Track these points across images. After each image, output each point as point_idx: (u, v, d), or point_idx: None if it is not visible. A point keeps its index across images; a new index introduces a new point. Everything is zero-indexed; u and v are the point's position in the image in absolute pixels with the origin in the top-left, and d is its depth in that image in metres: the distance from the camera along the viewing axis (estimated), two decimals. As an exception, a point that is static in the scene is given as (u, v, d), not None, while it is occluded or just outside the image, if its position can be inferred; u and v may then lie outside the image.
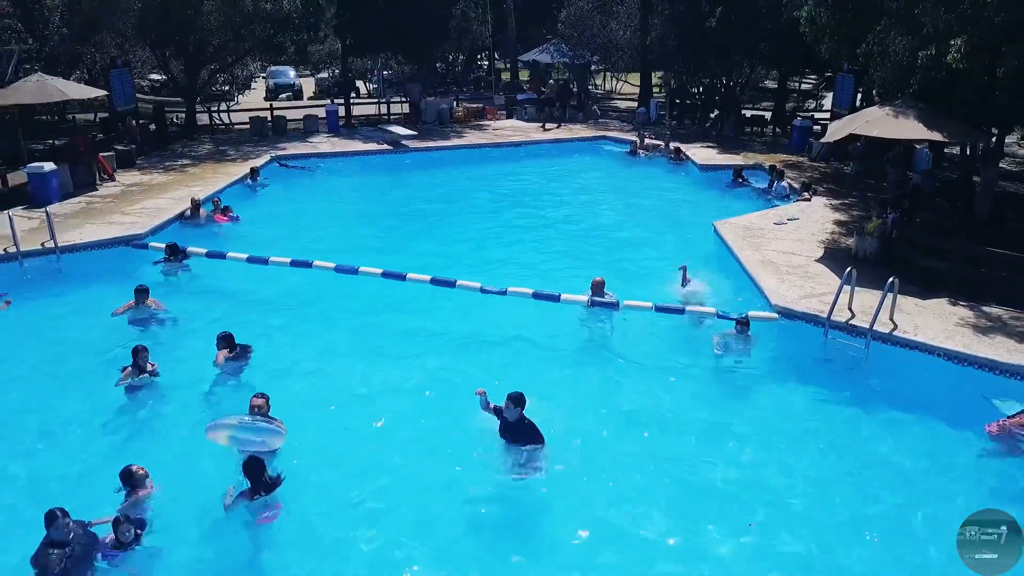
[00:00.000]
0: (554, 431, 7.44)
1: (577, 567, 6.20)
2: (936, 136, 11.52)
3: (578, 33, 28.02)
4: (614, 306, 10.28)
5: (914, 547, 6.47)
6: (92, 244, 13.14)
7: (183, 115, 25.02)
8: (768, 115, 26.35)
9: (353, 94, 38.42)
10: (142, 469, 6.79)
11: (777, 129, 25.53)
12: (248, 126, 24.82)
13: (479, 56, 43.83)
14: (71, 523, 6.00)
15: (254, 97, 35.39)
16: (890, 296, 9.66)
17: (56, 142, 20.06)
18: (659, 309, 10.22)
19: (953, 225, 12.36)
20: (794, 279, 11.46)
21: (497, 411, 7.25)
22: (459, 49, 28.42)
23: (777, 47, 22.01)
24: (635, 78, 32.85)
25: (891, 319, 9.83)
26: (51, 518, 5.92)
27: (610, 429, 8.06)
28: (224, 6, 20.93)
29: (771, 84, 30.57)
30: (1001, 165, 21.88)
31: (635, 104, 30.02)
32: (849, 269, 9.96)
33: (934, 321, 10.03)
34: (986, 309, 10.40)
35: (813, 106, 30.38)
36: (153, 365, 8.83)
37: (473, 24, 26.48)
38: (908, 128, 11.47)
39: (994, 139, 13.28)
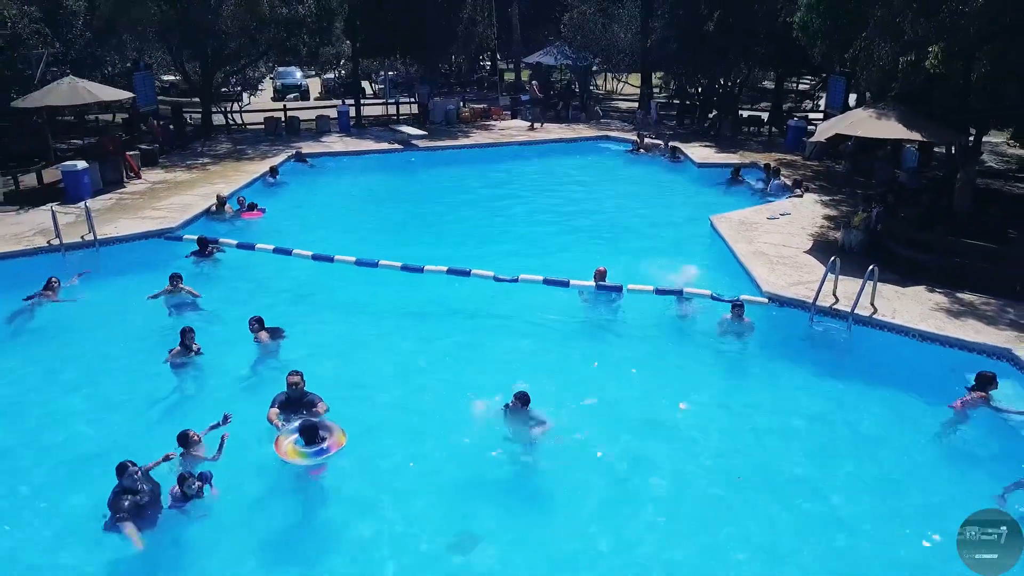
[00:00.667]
0: (560, 402, 8.30)
1: (581, 510, 7.07)
2: (915, 136, 12.41)
3: (580, 36, 28.90)
4: (618, 290, 11.17)
5: (886, 496, 7.32)
6: (128, 237, 14.04)
7: (196, 115, 25.92)
8: (765, 115, 27.20)
9: (361, 94, 39.48)
10: (196, 434, 7.63)
11: (774, 129, 26.38)
12: (262, 126, 25.70)
13: (481, 57, 44.67)
14: (139, 472, 6.89)
15: (262, 97, 36.35)
16: (871, 283, 10.54)
17: (79, 142, 20.99)
18: (659, 292, 11.12)
19: (933, 219, 13.25)
20: (784, 268, 12.35)
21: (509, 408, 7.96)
22: (466, 51, 29.17)
23: (773, 50, 22.91)
24: (635, 79, 33.72)
25: (871, 304, 10.71)
26: (122, 469, 6.78)
27: (611, 399, 8.91)
28: (242, 11, 21.81)
29: (769, 85, 31.48)
30: (990, 164, 22.89)
31: (635, 104, 30.89)
32: (833, 258, 10.85)
33: (912, 306, 10.91)
34: (960, 296, 11.27)
35: (810, 106, 31.23)
36: (197, 345, 9.72)
37: (479, 27, 27.34)
38: (889, 128, 12.36)
39: (972, 139, 14.12)
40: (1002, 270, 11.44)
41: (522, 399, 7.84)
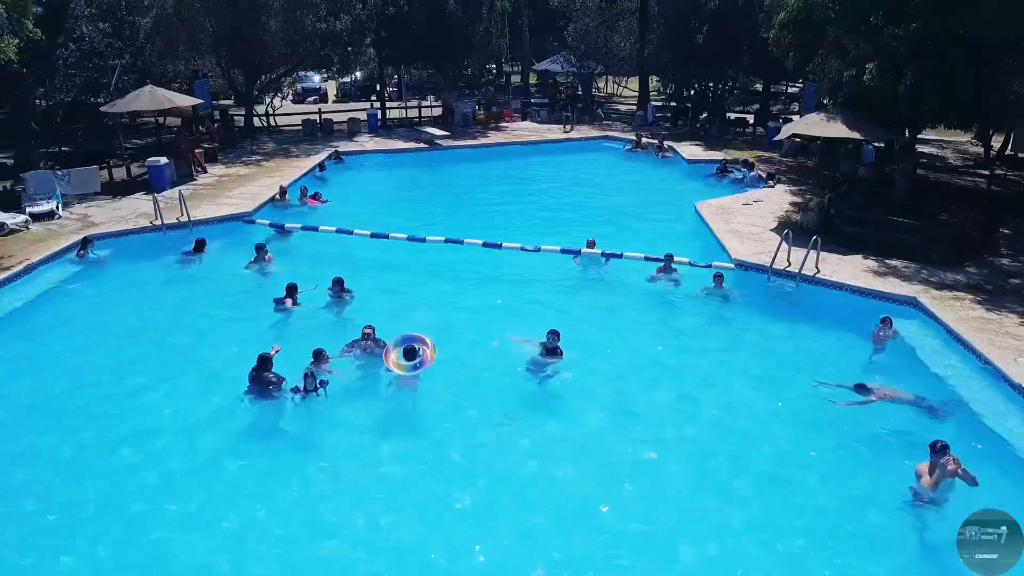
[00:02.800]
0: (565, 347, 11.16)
1: (583, 421, 9.82)
2: (855, 135, 15.39)
3: (584, 45, 31.90)
4: (618, 256, 14.16)
5: (818, 394, 10.18)
6: (213, 219, 17.02)
7: (237, 117, 28.85)
8: (750, 117, 30.18)
9: (374, 96, 42.46)
10: (326, 354, 10.42)
11: (760, 129, 29.32)
12: (299, 127, 28.67)
13: (490, 63, 47.69)
14: (271, 362, 9.81)
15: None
16: (815, 251, 13.47)
17: (138, 142, 23.94)
18: (648, 259, 14.10)
19: (875, 203, 16.25)
20: (751, 242, 15.31)
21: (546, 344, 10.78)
22: (481, 60, 32.11)
23: (756, 60, 25.89)
24: (635, 83, 36.74)
25: (816, 267, 13.66)
26: (263, 359, 9.73)
27: (608, 344, 11.77)
28: (287, 25, 24.79)
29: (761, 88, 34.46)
30: (951, 161, 25.84)
31: (635, 107, 33.87)
32: (786, 231, 13.83)
33: (848, 268, 13.88)
34: (888, 262, 14.23)
35: (797, 108, 34.17)
36: (294, 298, 12.66)
37: (493, 38, 30.31)
38: (836, 129, 15.35)
39: (905, 138, 17.06)
40: (921, 242, 14.40)
41: (555, 335, 10.64)
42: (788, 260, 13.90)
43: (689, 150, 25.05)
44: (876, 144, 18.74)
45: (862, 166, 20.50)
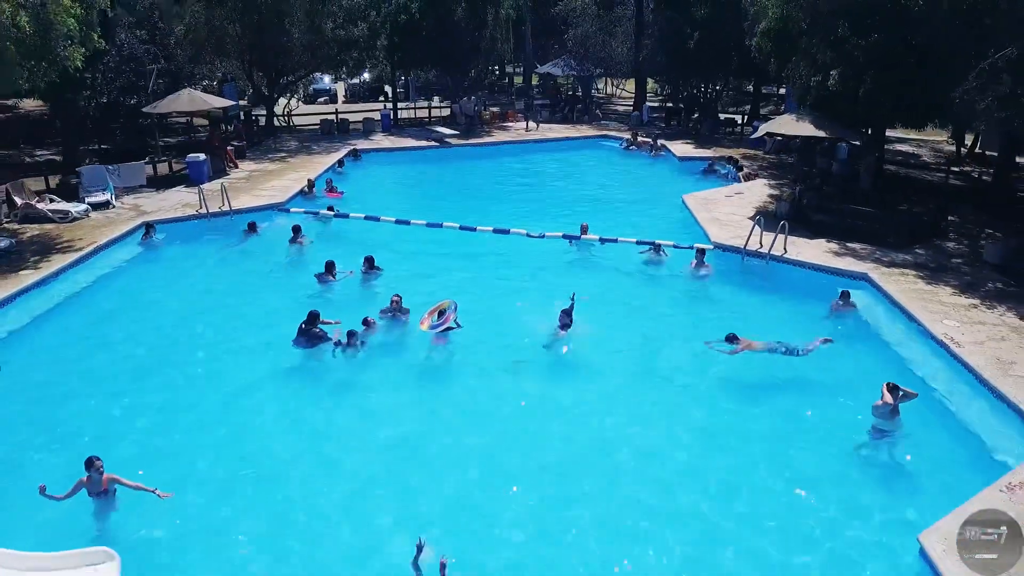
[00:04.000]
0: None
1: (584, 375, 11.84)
2: (821, 134, 17.41)
3: (583, 50, 33.93)
4: (613, 241, 16.19)
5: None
6: (252, 208, 19.04)
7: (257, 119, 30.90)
8: (739, 117, 32.21)
9: (382, 97, 44.46)
10: (371, 319, 12.42)
11: (749, 128, 31.31)
12: (316, 126, 30.70)
13: (494, 67, 49.76)
14: (319, 318, 11.83)
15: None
16: (783, 235, 15.49)
17: (170, 140, 25.94)
18: (639, 243, 16.12)
19: (842, 195, 18.28)
20: (730, 228, 17.33)
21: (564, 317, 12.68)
22: (487, 64, 34.13)
23: (743, 64, 27.88)
24: (632, 84, 38.76)
25: (784, 249, 15.68)
26: (312, 315, 11.75)
27: (602, 313, 13.77)
28: (308, 33, 26.81)
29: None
30: (924, 159, 27.81)
31: (631, 108, 35.91)
32: (758, 217, 15.84)
33: (812, 250, 15.90)
34: (849, 244, 16.24)
35: (784, 110, 36.22)
36: (332, 273, 14.67)
37: (498, 43, 32.33)
38: (804, 128, 17.38)
39: (869, 137, 19.07)
40: (878, 228, 16.43)
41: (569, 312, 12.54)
42: (760, 243, 15.92)
43: (680, 148, 27.09)
44: (853, 143, 20.71)
45: (836, 162, 22.51)
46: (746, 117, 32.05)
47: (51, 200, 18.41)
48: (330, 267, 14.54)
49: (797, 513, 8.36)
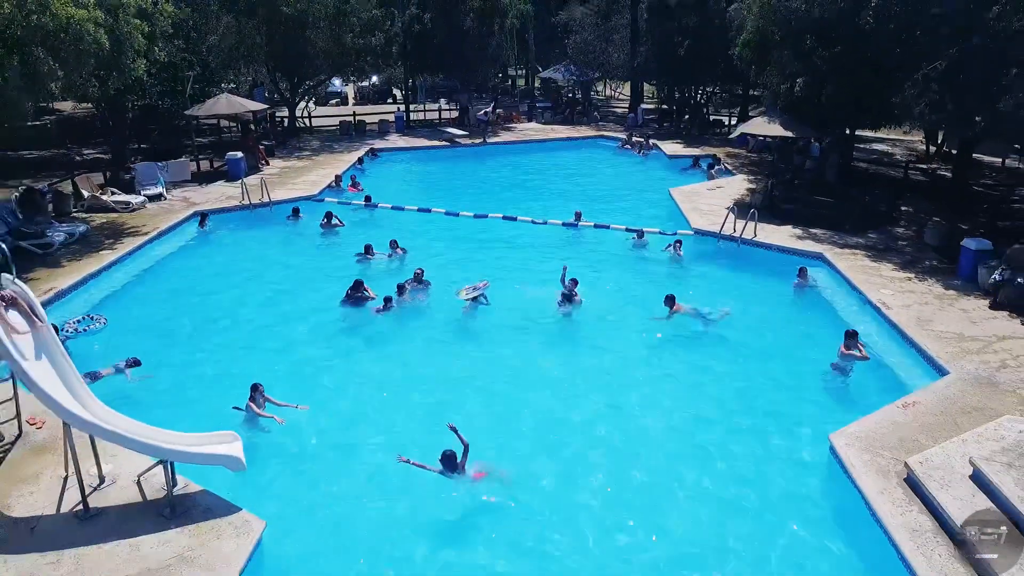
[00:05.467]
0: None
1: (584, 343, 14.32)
2: (789, 134, 19.87)
3: (583, 56, 36.46)
4: (605, 227, 18.67)
5: (756, 320, 14.61)
6: (288, 200, 21.54)
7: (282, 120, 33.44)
8: (725, 119, 34.72)
9: (390, 99, 46.99)
10: (405, 285, 14.90)
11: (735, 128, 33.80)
12: (335, 127, 33.21)
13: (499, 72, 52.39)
14: (364, 286, 14.32)
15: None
16: (752, 221, 17.94)
17: (202, 140, 28.48)
18: (628, 230, 18.60)
19: (809, 187, 20.76)
20: (710, 216, 19.79)
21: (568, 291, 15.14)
22: (493, 69, 36.67)
23: (728, 70, 30.34)
24: (628, 88, 41.32)
25: (754, 233, 18.14)
26: (357, 283, 14.26)
27: (596, 286, 16.25)
28: (331, 43, 29.31)
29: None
30: (897, 157, 30.22)
31: (627, 109, 38.42)
32: (732, 206, 18.31)
33: (779, 234, 18.37)
34: (811, 230, 18.70)
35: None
36: (370, 253, 17.14)
37: (504, 51, 34.87)
38: (774, 129, 19.86)
39: (833, 137, 21.54)
40: (837, 215, 18.91)
41: (575, 282, 14.97)
42: (734, 228, 18.38)
43: (671, 147, 29.59)
44: (820, 142, 23.25)
45: (809, 159, 25.00)
46: (735, 119, 34.53)
47: (112, 192, 20.92)
48: (368, 249, 17.02)
49: (752, 428, 10.78)
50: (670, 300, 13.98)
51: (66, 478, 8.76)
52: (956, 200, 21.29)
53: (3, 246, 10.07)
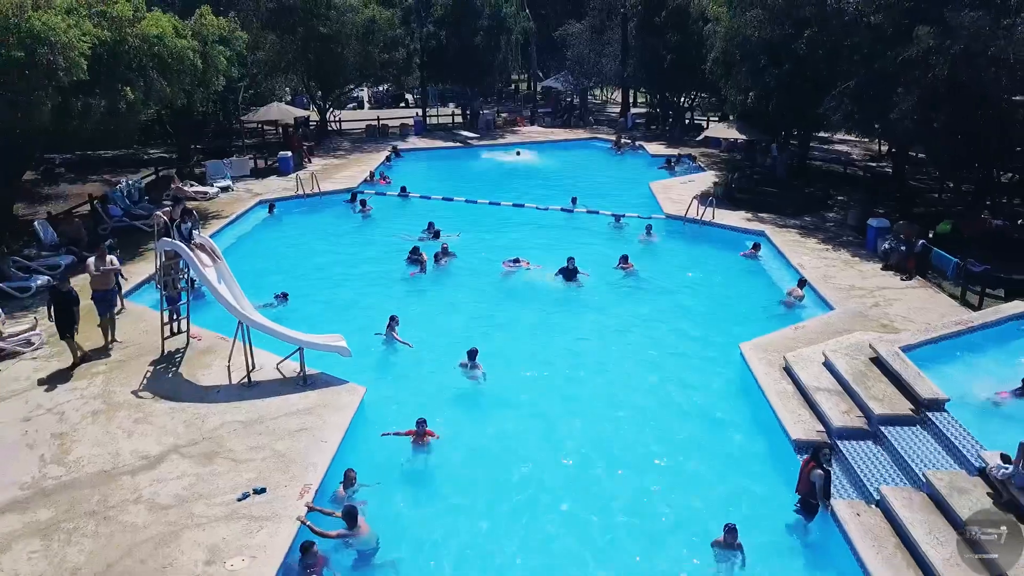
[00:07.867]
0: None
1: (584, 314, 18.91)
2: (743, 137, 24.45)
3: (580, 66, 41.11)
4: (596, 212, 23.28)
5: (710, 290, 19.20)
6: (335, 191, 26.15)
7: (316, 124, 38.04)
8: (704, 122, 39.29)
9: (403, 104, 51.60)
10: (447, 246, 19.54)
11: (713, 132, 38.34)
12: (362, 131, 37.79)
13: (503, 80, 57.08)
14: (420, 252, 18.94)
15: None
16: (711, 208, 22.51)
17: (247, 141, 33.10)
18: (613, 215, 23.21)
19: (762, 180, 25.36)
20: (680, 204, 24.33)
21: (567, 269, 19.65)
22: (500, 79, 41.31)
23: (706, 81, 34.94)
24: (620, 94, 45.94)
25: (713, 217, 22.70)
26: (415, 248, 18.90)
27: (585, 261, 20.79)
28: (360, 57, 33.91)
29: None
30: (854, 156, 34.73)
31: (618, 115, 43.05)
32: (696, 194, 22.89)
33: (732, 218, 22.95)
34: (759, 214, 23.28)
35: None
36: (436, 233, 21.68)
37: (509, 62, 39.49)
38: (732, 133, 24.47)
39: (781, 140, 26.09)
40: (780, 203, 23.50)
41: (572, 260, 19.49)
42: (697, 213, 22.96)
43: (654, 147, 34.21)
44: (774, 143, 27.79)
45: (769, 158, 29.59)
46: (712, 123, 39.09)
47: (191, 184, 25.52)
48: (433, 228, 21.52)
49: (693, 343, 15.34)
50: (624, 259, 18.69)
51: (228, 365, 13.33)
52: (893, 191, 25.85)
53: (164, 217, 14.66)
